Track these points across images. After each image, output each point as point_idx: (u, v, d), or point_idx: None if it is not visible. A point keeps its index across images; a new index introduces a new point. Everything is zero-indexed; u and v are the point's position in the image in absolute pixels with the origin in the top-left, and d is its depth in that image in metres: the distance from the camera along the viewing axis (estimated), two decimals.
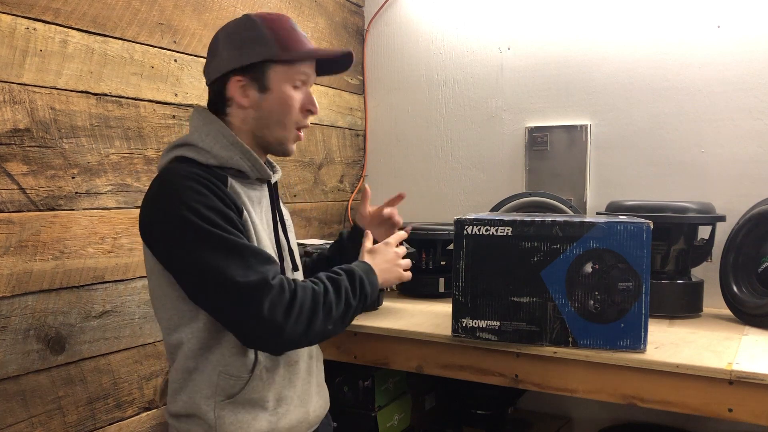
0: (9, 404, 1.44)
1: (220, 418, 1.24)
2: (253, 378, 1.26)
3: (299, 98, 1.32)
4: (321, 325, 1.20)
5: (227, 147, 1.28)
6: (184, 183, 1.18)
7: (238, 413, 1.25)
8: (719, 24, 2.07)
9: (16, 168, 1.44)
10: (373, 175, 2.72)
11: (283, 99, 1.30)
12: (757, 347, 1.55)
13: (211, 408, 1.24)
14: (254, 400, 1.26)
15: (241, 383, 1.25)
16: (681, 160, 2.13)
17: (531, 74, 2.36)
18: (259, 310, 1.13)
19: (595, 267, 1.50)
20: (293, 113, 1.31)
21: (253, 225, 1.27)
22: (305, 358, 1.37)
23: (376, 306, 2.00)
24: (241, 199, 1.27)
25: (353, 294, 1.26)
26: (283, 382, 1.31)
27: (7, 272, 1.43)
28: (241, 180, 1.31)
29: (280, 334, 1.15)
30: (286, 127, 1.32)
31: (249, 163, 1.29)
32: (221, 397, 1.24)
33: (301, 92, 1.32)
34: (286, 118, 1.31)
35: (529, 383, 1.58)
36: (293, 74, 1.30)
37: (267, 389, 1.28)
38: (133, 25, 1.69)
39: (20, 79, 1.44)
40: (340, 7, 2.54)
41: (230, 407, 1.24)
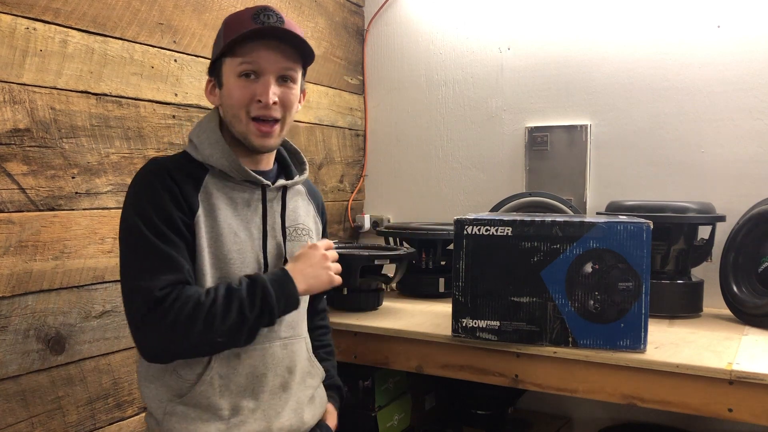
0: (9, 404, 1.44)
1: (168, 416, 1.24)
2: (201, 382, 1.24)
3: (248, 88, 1.26)
4: (200, 337, 1.16)
5: (211, 145, 1.29)
6: (142, 179, 1.24)
7: (187, 415, 1.24)
8: (719, 24, 2.07)
9: (16, 168, 1.44)
10: (373, 175, 2.72)
11: (229, 91, 1.28)
12: (757, 347, 1.55)
13: (160, 405, 1.25)
14: (205, 406, 1.24)
15: (188, 385, 1.24)
16: (681, 160, 2.13)
17: (531, 74, 2.36)
18: (134, 316, 1.16)
19: (595, 267, 1.50)
20: (239, 104, 1.26)
21: (215, 226, 1.25)
22: (280, 372, 1.32)
23: (376, 306, 2.00)
24: (210, 200, 1.26)
25: (250, 305, 1.19)
26: (242, 392, 1.27)
27: (7, 272, 1.43)
28: (226, 179, 1.30)
29: (148, 342, 1.17)
30: (240, 120, 1.27)
31: (228, 163, 1.28)
32: (170, 395, 1.25)
33: (251, 82, 1.26)
34: (236, 110, 1.27)
35: (529, 383, 1.58)
36: (234, 65, 1.26)
37: (220, 396, 1.25)
38: (133, 25, 1.69)
39: (20, 79, 1.44)
40: (340, 7, 2.54)
41: (180, 408, 1.24)
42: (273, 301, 1.21)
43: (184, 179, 1.25)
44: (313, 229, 1.47)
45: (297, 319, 1.37)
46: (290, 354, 1.35)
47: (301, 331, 1.40)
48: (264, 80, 1.26)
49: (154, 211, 1.20)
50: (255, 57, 1.25)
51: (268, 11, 1.26)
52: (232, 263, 1.27)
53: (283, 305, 1.24)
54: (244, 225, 1.30)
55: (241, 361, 1.27)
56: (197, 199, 1.25)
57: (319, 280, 1.29)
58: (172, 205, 1.21)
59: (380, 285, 2.01)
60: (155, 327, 1.16)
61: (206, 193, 1.27)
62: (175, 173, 1.24)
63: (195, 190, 1.26)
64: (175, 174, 1.24)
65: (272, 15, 1.25)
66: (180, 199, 1.22)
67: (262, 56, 1.25)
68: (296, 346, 1.37)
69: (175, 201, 1.22)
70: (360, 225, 2.66)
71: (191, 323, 1.15)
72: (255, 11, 1.25)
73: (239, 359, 1.27)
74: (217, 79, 1.31)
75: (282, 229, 1.36)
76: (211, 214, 1.26)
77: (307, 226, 1.44)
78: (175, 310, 1.15)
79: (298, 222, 1.41)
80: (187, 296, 1.16)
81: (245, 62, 1.25)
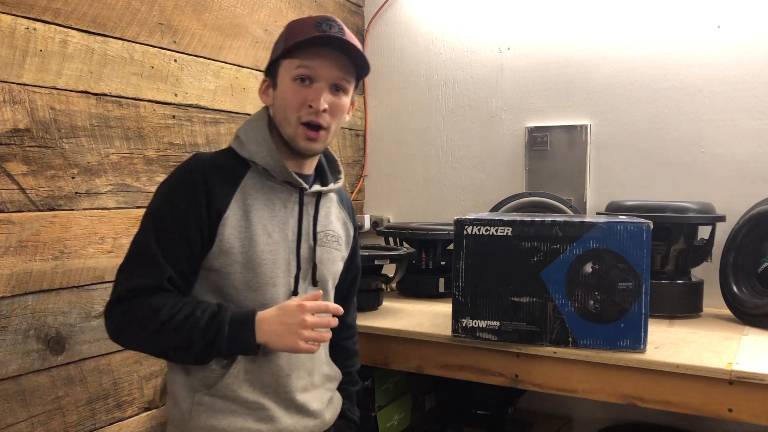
0: (9, 404, 1.44)
1: (196, 406, 1.27)
2: (228, 375, 1.27)
3: (301, 92, 1.28)
4: (147, 345, 1.26)
5: (258, 143, 1.32)
6: (177, 176, 1.28)
7: (214, 406, 1.27)
8: (719, 24, 2.07)
9: (16, 168, 1.44)
10: (373, 175, 2.72)
11: (283, 93, 1.30)
12: (757, 347, 1.55)
13: (189, 395, 1.28)
14: (231, 398, 1.27)
15: (215, 376, 1.27)
16: (681, 160, 2.13)
17: (531, 74, 2.36)
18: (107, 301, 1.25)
19: (595, 267, 1.50)
20: (291, 107, 1.28)
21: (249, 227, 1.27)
22: (302, 374, 1.35)
23: (376, 306, 2.00)
24: (246, 200, 1.28)
25: (201, 335, 1.20)
26: (266, 390, 1.30)
27: (7, 272, 1.43)
28: (266, 179, 1.32)
29: (107, 326, 1.25)
30: (290, 123, 1.30)
31: (272, 162, 1.31)
32: (199, 385, 1.27)
33: (305, 87, 1.28)
34: (287, 112, 1.29)
35: (529, 383, 1.58)
36: (292, 67, 1.28)
37: (245, 391, 1.28)
38: (133, 25, 1.69)
39: (20, 79, 1.44)
40: (340, 7, 2.54)
41: (208, 399, 1.27)
42: (223, 342, 1.20)
43: (220, 179, 1.27)
44: (343, 236, 1.48)
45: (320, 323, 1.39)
46: (311, 358, 1.36)
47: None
48: (317, 87, 1.28)
49: (170, 214, 1.24)
50: (312, 62, 1.27)
51: (330, 21, 1.29)
52: (264, 264, 1.29)
53: (234, 348, 1.23)
54: (279, 227, 1.32)
55: (268, 359, 1.30)
56: (230, 199, 1.27)
57: (282, 341, 1.22)
58: (193, 210, 1.24)
59: (380, 285, 2.01)
60: (113, 319, 1.24)
61: (243, 192, 1.29)
62: (211, 174, 1.27)
63: (231, 189, 1.28)
64: (211, 174, 1.27)
65: (334, 25, 1.28)
66: (205, 203, 1.25)
67: (319, 63, 1.28)
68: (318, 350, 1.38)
69: (197, 206, 1.24)
70: (360, 225, 2.66)
71: (141, 329, 1.21)
72: (318, 20, 1.29)
73: (266, 357, 1.29)
74: (273, 79, 1.33)
75: (313, 233, 1.38)
76: (246, 214, 1.28)
77: (338, 233, 1.45)
78: (132, 313, 1.21)
79: (329, 228, 1.43)
80: (149, 305, 1.21)
81: (302, 66, 1.28)
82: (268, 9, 2.15)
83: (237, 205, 1.27)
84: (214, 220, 1.25)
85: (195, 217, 1.24)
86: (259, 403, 1.28)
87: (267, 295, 1.29)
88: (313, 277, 1.36)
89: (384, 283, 2.02)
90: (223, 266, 1.26)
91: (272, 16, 2.17)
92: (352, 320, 1.61)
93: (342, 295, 1.53)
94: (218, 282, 1.28)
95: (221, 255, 1.26)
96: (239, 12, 2.02)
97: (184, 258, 1.24)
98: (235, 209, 1.27)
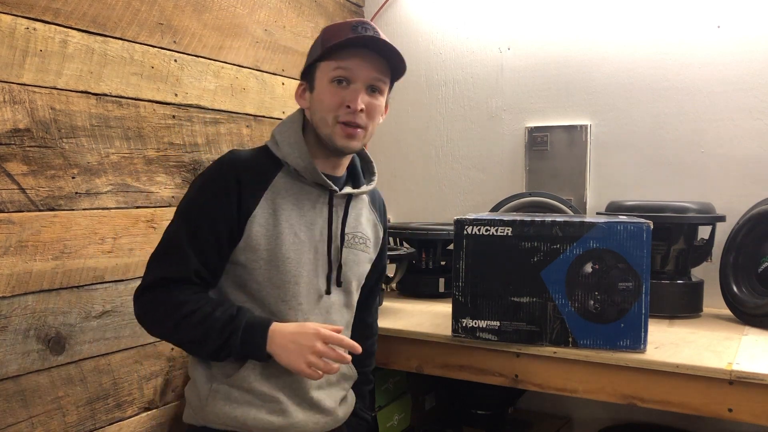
0: (9, 404, 1.44)
1: (213, 394, 1.31)
2: (245, 367, 1.30)
3: (339, 93, 1.31)
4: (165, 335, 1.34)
5: (291, 144, 1.35)
6: (211, 172, 1.33)
7: (230, 396, 1.30)
8: (719, 24, 2.07)
9: (16, 168, 1.44)
10: None
11: (320, 95, 1.33)
12: (757, 347, 1.55)
13: (207, 383, 1.32)
14: (247, 389, 1.30)
15: (233, 366, 1.31)
16: (681, 160, 2.13)
17: (531, 74, 2.36)
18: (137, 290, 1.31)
19: (595, 267, 1.50)
20: (328, 108, 1.31)
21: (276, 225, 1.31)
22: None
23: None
24: (276, 199, 1.32)
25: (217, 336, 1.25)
26: (282, 386, 1.33)
27: (7, 272, 1.43)
28: (297, 179, 1.35)
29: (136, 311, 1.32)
30: (327, 123, 1.32)
31: (303, 164, 1.33)
32: (219, 373, 1.31)
33: (342, 88, 1.31)
34: (325, 114, 1.32)
35: (529, 383, 1.58)
36: (329, 69, 1.31)
37: (261, 384, 1.31)
38: (133, 25, 1.69)
39: (20, 79, 1.44)
40: (340, 7, 2.54)
41: (225, 388, 1.30)
42: (236, 344, 1.25)
43: (252, 177, 1.31)
44: (372, 238, 1.50)
45: (340, 323, 1.41)
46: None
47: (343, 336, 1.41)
48: (354, 87, 1.31)
49: (201, 209, 1.29)
50: (350, 63, 1.30)
51: (366, 24, 1.32)
52: (288, 262, 1.32)
53: (245, 352, 1.27)
54: (306, 227, 1.35)
55: None
56: (260, 197, 1.31)
57: (288, 358, 1.25)
58: (224, 207, 1.28)
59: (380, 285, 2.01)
60: (141, 306, 1.31)
61: (273, 191, 1.33)
62: (243, 171, 1.31)
63: (261, 188, 1.32)
64: (243, 172, 1.31)
65: (370, 28, 1.32)
66: (236, 200, 1.29)
67: (356, 64, 1.30)
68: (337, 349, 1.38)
69: (228, 203, 1.29)
70: None
71: (163, 320, 1.28)
72: (354, 23, 1.32)
73: None
74: (310, 83, 1.36)
75: (341, 235, 1.40)
76: (274, 213, 1.31)
77: (366, 235, 1.47)
78: (157, 302, 1.28)
79: (357, 230, 1.45)
80: (174, 297, 1.27)
81: (340, 67, 1.30)
82: (268, 9, 2.15)
83: (266, 204, 1.31)
84: (243, 216, 1.29)
85: (225, 214, 1.28)
86: (273, 396, 1.31)
87: (289, 293, 1.32)
88: (337, 278, 1.39)
89: (384, 283, 2.02)
90: (248, 261, 1.30)
91: (272, 16, 2.17)
92: (372, 320, 1.62)
93: (365, 295, 1.56)
94: (243, 276, 1.32)
95: (247, 250, 1.30)
96: (239, 12, 2.02)
97: (213, 252, 1.29)
98: (264, 207, 1.31)
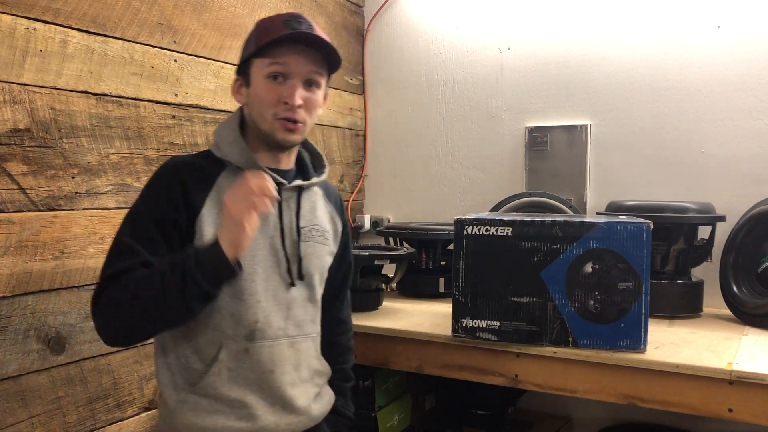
0: (9, 404, 1.44)
1: (181, 404, 1.28)
2: (210, 373, 1.28)
3: (276, 89, 1.30)
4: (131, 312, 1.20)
5: (230, 143, 1.35)
6: (154, 176, 1.31)
7: (198, 405, 1.28)
8: (719, 24, 2.07)
9: (16, 168, 1.44)
10: (373, 175, 2.72)
11: (256, 91, 1.32)
12: (757, 347, 1.55)
13: (173, 393, 1.30)
14: (213, 396, 1.28)
15: (197, 375, 1.28)
16: (681, 160, 2.13)
17: (531, 74, 2.36)
18: (92, 301, 1.24)
19: (595, 267, 1.50)
20: (266, 104, 1.31)
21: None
22: (287, 369, 1.34)
23: (376, 306, 2.00)
24: (222, 197, 1.28)
25: (171, 273, 1.17)
26: (250, 387, 1.30)
27: (7, 272, 1.43)
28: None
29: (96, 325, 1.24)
30: (266, 120, 1.32)
31: (244, 160, 1.33)
32: (183, 383, 1.29)
33: (279, 84, 1.30)
34: (263, 110, 1.31)
35: (529, 383, 1.58)
36: (264, 66, 1.30)
37: (228, 389, 1.28)
38: (133, 25, 1.69)
39: (20, 79, 1.44)
40: (340, 7, 2.54)
41: (192, 397, 1.28)
42: (194, 268, 1.16)
43: (195, 178, 1.30)
44: (330, 230, 1.48)
45: (305, 318, 1.39)
46: (297, 352, 1.36)
47: (309, 331, 1.41)
48: (291, 83, 1.30)
49: (147, 211, 1.27)
50: (285, 60, 1.29)
51: (299, 18, 1.31)
52: (242, 260, 1.27)
53: (208, 270, 1.18)
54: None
55: (250, 356, 1.30)
56: (205, 197, 1.29)
57: (236, 234, 1.17)
58: (168, 204, 1.26)
59: (380, 285, 2.01)
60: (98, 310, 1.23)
61: (218, 190, 1.31)
62: (185, 172, 1.30)
63: (205, 189, 1.30)
64: (186, 173, 1.30)
65: (303, 22, 1.30)
66: (181, 199, 1.27)
67: (292, 59, 1.29)
68: (303, 344, 1.38)
69: (173, 201, 1.26)
70: (360, 225, 2.66)
71: (117, 303, 1.20)
72: (287, 17, 1.30)
73: (248, 354, 1.30)
74: (245, 78, 1.35)
75: (297, 228, 1.38)
76: (221, 211, 1.28)
77: (324, 227, 1.46)
78: (108, 297, 1.21)
79: (314, 223, 1.43)
80: (121, 281, 1.20)
81: (275, 63, 1.29)
82: (268, 9, 2.15)
83: (212, 203, 1.29)
84: (191, 216, 1.27)
85: (171, 212, 1.26)
86: (241, 401, 1.29)
87: (246, 291, 1.29)
88: (299, 271, 1.37)
89: (384, 283, 2.02)
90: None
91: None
92: (345, 316, 1.61)
93: (334, 291, 1.54)
94: None
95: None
96: (239, 12, 2.02)
97: (163, 252, 1.25)
98: (210, 207, 1.29)
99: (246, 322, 1.29)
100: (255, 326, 1.30)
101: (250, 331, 1.30)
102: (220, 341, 1.29)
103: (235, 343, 1.29)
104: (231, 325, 1.29)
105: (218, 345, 1.29)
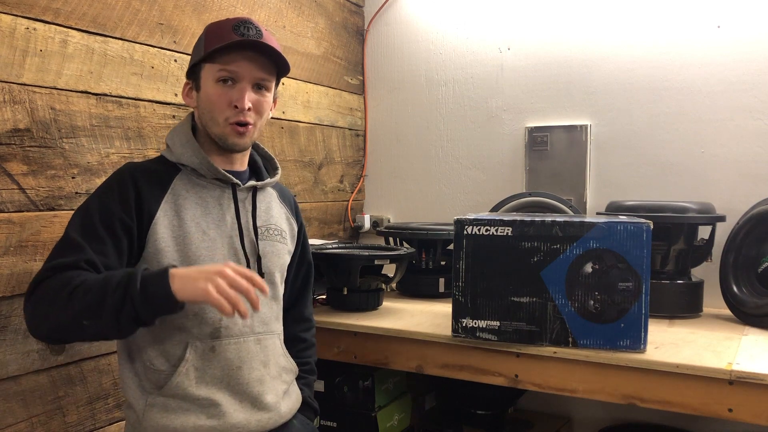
0: (9, 404, 1.44)
1: (149, 407, 1.28)
2: (177, 374, 1.28)
3: (226, 93, 1.32)
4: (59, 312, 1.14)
5: (183, 145, 1.36)
6: (108, 179, 1.32)
7: (167, 406, 1.28)
8: (719, 24, 2.07)
9: (16, 168, 1.44)
10: (373, 175, 2.72)
11: (206, 95, 1.34)
12: (757, 347, 1.55)
13: (141, 397, 1.29)
14: (182, 396, 1.28)
15: (164, 376, 1.28)
16: (681, 160, 2.13)
17: (531, 74, 2.36)
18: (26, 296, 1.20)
19: (595, 267, 1.50)
20: (217, 108, 1.32)
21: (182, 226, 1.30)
22: (255, 366, 1.35)
23: (376, 306, 2.00)
24: (177, 201, 1.31)
25: (113, 290, 1.11)
26: (218, 385, 1.31)
27: (7, 272, 1.43)
28: (197, 179, 1.36)
29: (25, 314, 1.20)
30: (217, 123, 1.34)
31: (198, 161, 1.34)
32: (150, 387, 1.29)
33: (228, 87, 1.32)
34: (214, 114, 1.33)
35: (529, 383, 1.58)
36: (214, 70, 1.32)
37: (197, 388, 1.29)
38: (133, 25, 1.69)
39: (20, 79, 1.44)
40: (340, 7, 2.54)
41: (160, 399, 1.28)
42: (137, 294, 1.10)
43: (149, 183, 1.31)
44: (287, 230, 1.51)
45: (270, 316, 1.42)
46: (264, 349, 1.38)
47: (274, 329, 1.43)
48: (240, 87, 1.33)
49: (97, 210, 1.25)
50: (234, 66, 1.32)
51: (248, 24, 1.32)
52: (200, 260, 1.30)
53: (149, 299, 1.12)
54: (215, 224, 1.35)
55: (216, 354, 1.31)
56: (160, 202, 1.30)
57: (195, 287, 1.11)
58: (120, 207, 1.26)
59: (380, 285, 2.01)
60: (30, 304, 1.18)
61: (174, 194, 1.33)
62: (140, 177, 1.30)
63: (160, 193, 1.31)
64: (141, 178, 1.30)
65: (252, 28, 1.32)
66: (133, 203, 1.27)
67: (241, 65, 1.32)
68: (269, 341, 1.40)
69: (125, 204, 1.27)
70: (360, 225, 2.66)
71: (51, 302, 1.14)
72: (236, 23, 1.31)
73: (214, 352, 1.31)
74: (195, 82, 1.37)
75: (254, 228, 1.40)
76: (177, 215, 1.31)
77: (280, 227, 1.49)
78: (44, 291, 1.16)
79: (270, 222, 1.46)
80: (61, 277, 1.15)
81: (224, 69, 1.32)
82: (268, 9, 2.15)
83: (168, 206, 1.31)
84: (145, 221, 1.28)
85: (122, 215, 1.25)
86: (210, 400, 1.29)
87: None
88: (259, 269, 1.39)
89: (384, 283, 2.02)
90: (159, 266, 1.23)
91: (272, 16, 2.17)
92: (309, 314, 1.65)
93: (297, 291, 1.59)
94: None
95: (157, 254, 1.27)
96: (239, 12, 2.02)
97: (110, 252, 1.22)
98: (166, 210, 1.30)
99: (210, 320, 1.31)
100: (219, 324, 1.32)
101: (214, 329, 1.31)
102: (186, 341, 1.30)
103: (201, 342, 1.30)
104: (195, 324, 1.30)
105: (184, 345, 1.29)
